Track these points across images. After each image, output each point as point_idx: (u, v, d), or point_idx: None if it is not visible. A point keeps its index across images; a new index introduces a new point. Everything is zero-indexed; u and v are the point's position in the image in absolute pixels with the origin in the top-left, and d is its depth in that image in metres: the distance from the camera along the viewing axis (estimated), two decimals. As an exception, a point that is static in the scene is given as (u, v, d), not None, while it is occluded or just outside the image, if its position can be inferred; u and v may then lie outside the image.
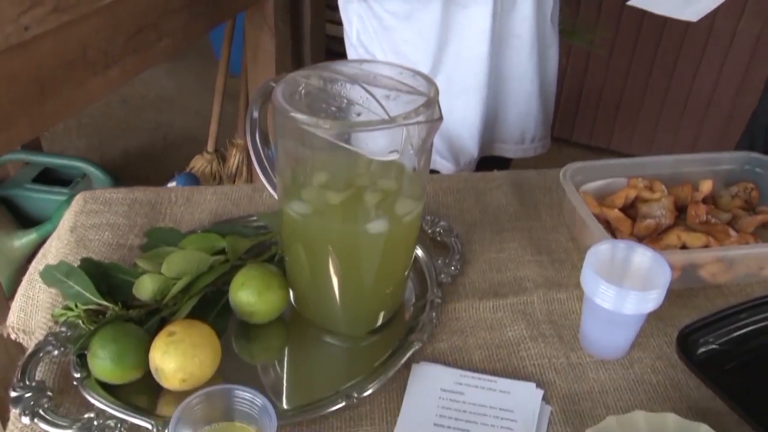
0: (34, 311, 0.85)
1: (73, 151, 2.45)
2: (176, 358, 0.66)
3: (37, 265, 0.91)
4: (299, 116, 0.63)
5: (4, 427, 0.71)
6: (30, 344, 0.83)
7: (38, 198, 1.88)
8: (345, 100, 0.67)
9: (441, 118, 0.64)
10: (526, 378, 0.74)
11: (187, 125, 2.68)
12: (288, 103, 0.65)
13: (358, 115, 0.67)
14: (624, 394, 0.72)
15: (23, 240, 1.81)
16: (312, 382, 0.74)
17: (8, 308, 0.92)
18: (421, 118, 0.63)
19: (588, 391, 0.73)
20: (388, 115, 0.62)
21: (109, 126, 2.67)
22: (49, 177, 1.94)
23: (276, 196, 0.77)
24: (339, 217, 0.70)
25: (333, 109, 0.68)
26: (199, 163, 2.15)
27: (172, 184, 1.97)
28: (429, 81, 0.68)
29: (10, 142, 1.15)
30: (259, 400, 0.59)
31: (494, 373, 0.74)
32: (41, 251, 0.96)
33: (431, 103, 0.65)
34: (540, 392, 0.72)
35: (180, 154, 2.38)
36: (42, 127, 1.19)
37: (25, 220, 1.88)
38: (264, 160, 0.76)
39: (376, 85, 0.68)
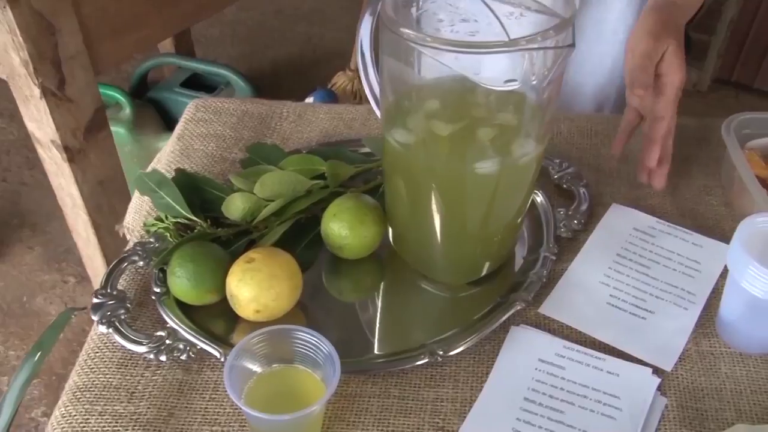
0: (145, 214, 0.84)
1: (225, 59, 2.48)
2: (252, 287, 0.61)
3: (150, 170, 0.90)
4: (406, 31, 0.54)
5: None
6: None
7: (183, 102, 1.92)
8: (460, 16, 0.57)
9: (573, 45, 0.53)
10: (641, 361, 0.63)
11: (338, 40, 2.63)
12: (398, 15, 0.56)
13: (472, 34, 0.57)
14: (763, 399, 0.60)
15: (164, 143, 1.86)
16: (398, 330, 0.67)
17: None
18: (548, 43, 0.53)
19: (717, 388, 0.61)
20: (507, 36, 0.52)
21: (261, 36, 2.69)
22: (197, 83, 1.98)
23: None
24: (445, 152, 0.62)
25: (448, 24, 0.58)
26: (341, 80, 2.10)
27: (309, 99, 1.94)
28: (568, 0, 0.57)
29: (145, 40, 1.15)
30: (325, 346, 0.54)
31: (605, 350, 0.64)
32: (156, 157, 0.95)
33: (564, 26, 0.54)
34: (656, 380, 0.61)
35: (327, 68, 2.34)
36: (175, 27, 1.18)
37: (172, 124, 1.94)
38: (372, 79, 0.69)
39: (502, 1, 0.57)
